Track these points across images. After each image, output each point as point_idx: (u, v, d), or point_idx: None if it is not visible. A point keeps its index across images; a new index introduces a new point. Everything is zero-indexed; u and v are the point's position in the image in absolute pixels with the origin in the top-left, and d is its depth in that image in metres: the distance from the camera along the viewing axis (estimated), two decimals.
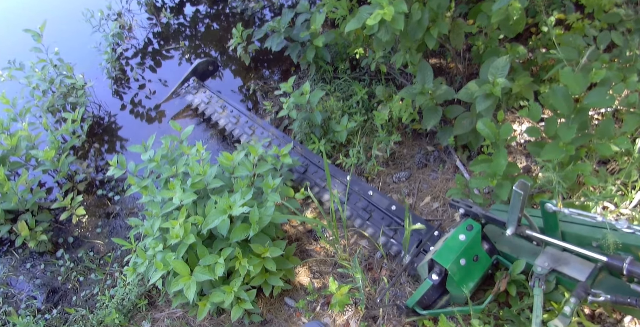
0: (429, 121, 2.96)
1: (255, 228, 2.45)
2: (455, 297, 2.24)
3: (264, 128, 3.58)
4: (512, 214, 1.98)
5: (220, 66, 4.49)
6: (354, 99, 3.48)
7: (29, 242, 3.10)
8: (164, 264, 2.49)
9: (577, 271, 1.93)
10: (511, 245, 2.28)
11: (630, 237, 1.78)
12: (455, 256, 2.11)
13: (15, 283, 3.28)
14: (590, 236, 1.92)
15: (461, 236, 2.16)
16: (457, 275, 2.12)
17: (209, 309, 2.53)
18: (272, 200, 2.60)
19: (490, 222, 2.24)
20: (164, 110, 4.31)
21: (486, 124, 2.48)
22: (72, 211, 3.23)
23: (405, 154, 3.33)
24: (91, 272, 3.14)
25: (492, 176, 2.38)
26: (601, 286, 1.90)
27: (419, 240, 2.66)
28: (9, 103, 3.44)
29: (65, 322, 2.94)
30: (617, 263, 1.70)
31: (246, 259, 2.48)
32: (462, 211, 2.33)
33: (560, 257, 2.01)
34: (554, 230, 1.99)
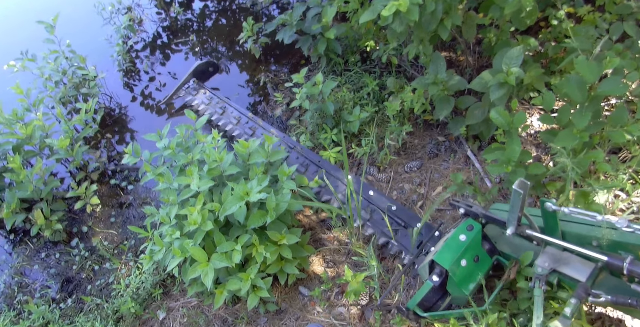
0: (441, 111, 2.99)
1: (272, 215, 2.48)
2: (456, 298, 2.24)
3: (264, 129, 3.58)
4: (512, 214, 1.97)
5: (221, 67, 4.49)
6: (365, 91, 3.51)
7: (44, 231, 3.13)
8: (181, 251, 2.52)
9: (578, 271, 1.91)
10: (511, 245, 2.27)
11: (630, 236, 1.76)
12: (455, 256, 2.09)
13: (29, 273, 3.31)
14: (590, 235, 1.91)
15: (461, 237, 2.14)
16: (457, 276, 2.10)
17: (226, 297, 2.56)
18: (288, 187, 2.63)
19: (491, 222, 2.23)
20: (173, 103, 4.33)
21: (500, 113, 2.50)
22: (87, 200, 3.25)
23: (416, 145, 3.36)
24: (105, 262, 3.17)
25: (507, 163, 2.41)
26: (602, 287, 1.88)
27: (419, 241, 2.67)
28: (23, 93, 3.46)
29: (80, 312, 2.96)
30: (618, 263, 1.68)
31: (263, 246, 2.51)
32: (462, 211, 2.32)
33: (561, 257, 1.99)
34: (554, 229, 1.98)
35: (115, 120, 4.19)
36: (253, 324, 2.69)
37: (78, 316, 2.86)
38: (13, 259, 3.34)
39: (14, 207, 3.07)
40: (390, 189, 3.15)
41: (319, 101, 3.31)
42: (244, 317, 2.70)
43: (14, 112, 3.34)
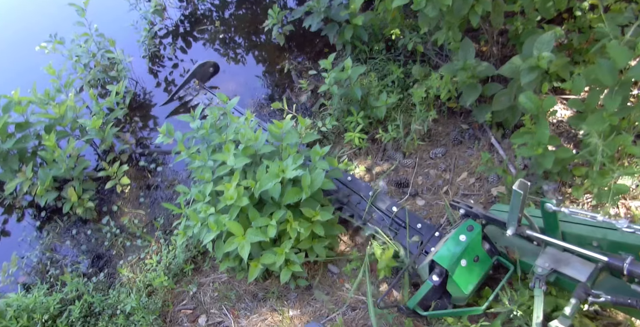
0: (469, 97, 3.06)
1: (307, 192, 2.55)
2: (456, 298, 2.24)
3: (265, 129, 3.61)
4: (512, 214, 1.98)
5: (220, 67, 4.47)
6: (390, 78, 3.57)
7: (77, 208, 3.20)
8: (217, 226, 2.59)
9: (578, 272, 1.92)
10: (512, 245, 2.28)
11: (631, 237, 1.77)
12: (455, 256, 2.11)
13: (59, 249, 3.38)
14: (590, 235, 1.92)
15: (462, 237, 2.16)
16: (457, 276, 2.12)
17: (260, 270, 2.63)
18: (321, 167, 2.70)
19: (491, 223, 2.26)
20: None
21: (529, 97, 2.56)
22: (117, 180, 3.32)
23: (440, 132, 3.42)
24: (136, 239, 3.24)
25: (537, 145, 2.48)
26: (602, 287, 1.88)
27: (420, 241, 2.69)
28: (55, 74, 3.53)
29: (111, 286, 3.03)
30: (618, 263, 1.69)
31: (297, 222, 2.57)
32: (462, 212, 2.34)
33: (561, 258, 2.00)
34: (554, 230, 1.99)
35: (140, 104, 4.26)
36: (283, 299, 2.76)
37: (110, 289, 2.93)
38: (44, 236, 3.41)
39: (47, 184, 3.14)
40: (416, 174, 3.21)
41: (346, 87, 3.37)
42: (275, 292, 2.77)
43: (46, 92, 3.41)
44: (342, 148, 3.43)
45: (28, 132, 3.34)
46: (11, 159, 3.24)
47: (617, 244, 1.82)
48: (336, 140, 3.53)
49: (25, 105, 3.27)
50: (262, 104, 4.03)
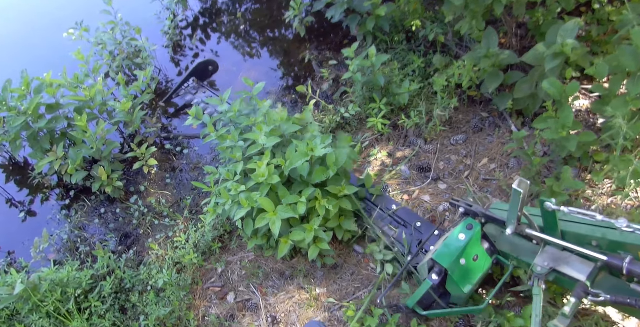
0: (491, 85, 3.14)
1: (334, 168, 2.62)
2: (455, 297, 2.25)
3: None
4: (512, 213, 1.99)
5: (219, 66, 4.47)
6: (410, 68, 3.66)
7: (106, 187, 3.28)
8: (248, 202, 2.66)
9: (577, 271, 1.91)
10: (511, 244, 2.28)
11: (630, 236, 1.77)
12: (455, 255, 2.10)
13: (87, 228, 3.46)
14: (589, 234, 1.91)
15: (461, 236, 2.16)
16: (456, 275, 2.12)
17: (289, 246, 2.70)
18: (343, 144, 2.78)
19: (490, 221, 2.26)
20: (214, 80, 4.49)
21: (552, 83, 2.64)
22: (144, 161, 3.40)
23: (460, 119, 3.50)
24: (163, 218, 3.32)
25: (561, 128, 2.55)
26: (601, 286, 1.89)
27: (419, 240, 2.70)
28: (83, 59, 3.62)
29: (140, 263, 3.11)
30: (617, 262, 1.70)
31: (325, 199, 2.65)
32: (461, 210, 2.34)
33: (560, 257, 1.99)
34: (553, 229, 1.99)
35: (163, 92, 4.34)
36: (310, 277, 2.83)
37: (140, 266, 3.00)
38: (72, 215, 3.49)
39: (78, 163, 3.22)
40: (437, 160, 3.29)
41: (369, 74, 3.45)
42: (302, 270, 2.84)
43: (75, 76, 3.49)
44: (364, 134, 3.51)
45: (58, 113, 3.41)
46: (42, 138, 3.33)
47: (616, 243, 1.82)
48: (358, 126, 3.61)
49: (56, 87, 3.35)
50: (284, 92, 4.11)
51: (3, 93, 3.25)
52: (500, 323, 2.26)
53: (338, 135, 3.14)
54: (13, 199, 3.84)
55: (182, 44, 4.84)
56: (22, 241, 3.47)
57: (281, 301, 2.78)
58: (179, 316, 2.76)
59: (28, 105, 3.16)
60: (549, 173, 3.01)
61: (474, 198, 2.98)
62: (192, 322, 2.72)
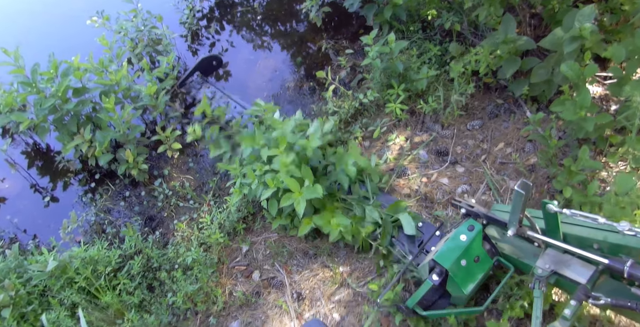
0: (508, 70, 3.22)
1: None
2: (456, 298, 2.26)
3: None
4: (513, 215, 1.99)
5: (224, 61, 4.52)
6: (427, 56, 3.73)
7: (132, 169, 3.36)
8: (274, 182, 2.75)
9: (578, 274, 1.91)
10: (512, 246, 2.29)
11: (632, 240, 1.77)
12: (456, 256, 2.11)
13: (112, 211, 3.54)
14: (591, 237, 1.91)
15: (462, 237, 2.16)
16: (457, 276, 2.12)
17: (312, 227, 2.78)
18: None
19: (492, 223, 2.26)
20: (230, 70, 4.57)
21: (570, 66, 2.72)
22: (168, 145, 3.48)
23: (476, 106, 3.58)
24: (187, 201, 3.40)
25: (579, 109, 2.63)
26: (602, 289, 1.89)
27: (420, 240, 2.70)
28: (108, 45, 3.70)
29: (165, 245, 3.19)
30: (618, 266, 1.69)
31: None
32: (463, 211, 2.34)
33: (561, 259, 1.99)
34: (555, 231, 1.99)
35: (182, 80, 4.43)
36: (334, 256, 2.91)
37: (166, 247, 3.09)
38: (97, 199, 3.57)
39: (105, 145, 3.30)
40: (455, 144, 3.37)
41: (387, 61, 3.53)
42: (325, 249, 2.92)
43: (100, 61, 3.57)
44: (383, 119, 3.59)
45: (85, 97, 3.49)
46: (69, 121, 3.41)
47: (618, 247, 1.81)
48: (376, 112, 3.69)
49: (83, 71, 3.43)
50: (302, 81, 4.19)
51: (33, 76, 3.33)
52: (522, 296, 2.34)
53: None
54: (37, 184, 3.92)
55: (200, 34, 4.92)
56: (48, 225, 3.56)
57: (306, 279, 2.86)
58: (206, 293, 2.84)
59: (57, 87, 3.23)
60: (564, 157, 3.09)
61: (491, 181, 3.07)
62: (219, 298, 2.81)
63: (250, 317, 2.76)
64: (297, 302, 2.77)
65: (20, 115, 3.39)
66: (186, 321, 2.82)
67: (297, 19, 4.86)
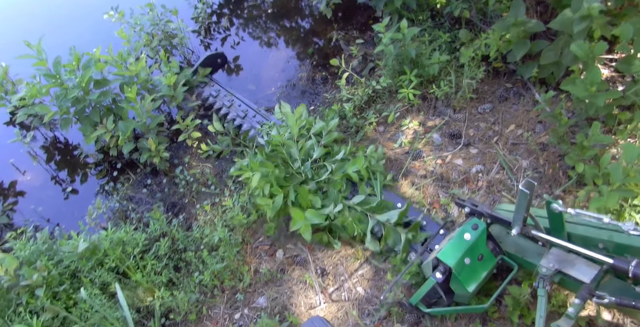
0: (519, 52, 3.32)
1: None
2: (459, 296, 2.26)
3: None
4: (518, 214, 1.99)
5: (228, 59, 4.55)
6: (437, 43, 3.84)
7: (154, 158, 3.45)
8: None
9: (582, 273, 1.91)
10: (516, 245, 2.30)
11: (637, 240, 1.77)
12: (459, 254, 2.12)
13: (134, 199, 3.63)
14: (596, 237, 1.91)
15: (466, 235, 2.17)
16: (461, 274, 2.13)
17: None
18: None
19: (496, 222, 2.27)
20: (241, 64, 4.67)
21: (580, 45, 2.82)
22: (188, 134, 3.58)
23: (486, 91, 3.68)
24: (209, 186, 3.49)
25: (590, 85, 2.73)
26: (606, 288, 1.89)
27: (424, 238, 2.72)
28: (126, 38, 3.80)
29: (188, 228, 3.28)
30: (623, 266, 1.69)
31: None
32: (467, 210, 2.35)
33: (566, 259, 2.00)
34: (559, 231, 2.00)
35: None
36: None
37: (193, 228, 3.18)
38: (119, 187, 3.66)
39: (128, 134, 3.40)
40: (467, 127, 3.47)
41: (400, 47, 3.63)
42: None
43: (119, 54, 3.67)
44: (396, 105, 3.69)
45: (105, 89, 3.59)
46: (92, 112, 3.50)
47: (622, 247, 1.82)
48: (389, 99, 3.79)
49: (103, 63, 3.53)
50: (314, 71, 4.29)
51: (55, 68, 3.43)
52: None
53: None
54: (58, 176, 4.02)
55: (212, 29, 5.03)
56: (71, 213, 3.65)
57: (328, 256, 2.95)
58: (232, 271, 2.93)
59: (80, 79, 3.33)
60: (573, 137, 3.18)
61: (504, 160, 3.16)
62: (245, 275, 2.90)
63: (276, 292, 2.85)
64: (321, 277, 2.86)
65: (44, 107, 3.49)
66: (213, 299, 2.90)
67: (307, 11, 4.97)
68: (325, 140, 3.27)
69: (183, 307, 2.81)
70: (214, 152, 3.64)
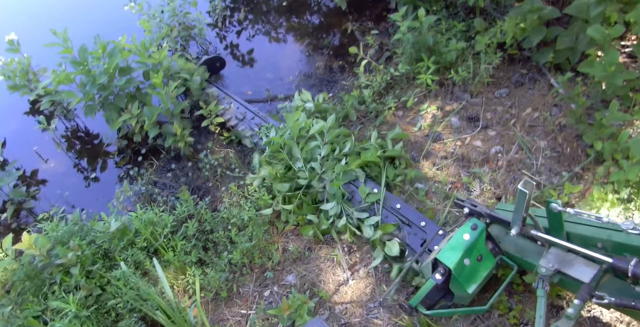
0: (535, 38, 3.41)
1: None
2: (459, 297, 2.24)
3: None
4: (517, 214, 1.97)
5: (226, 62, 4.52)
6: (452, 32, 3.93)
7: (178, 142, 3.52)
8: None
9: (582, 273, 1.89)
10: (516, 245, 2.28)
11: (636, 239, 1.74)
12: (459, 255, 2.09)
13: (158, 184, 3.70)
14: (595, 236, 1.89)
15: (465, 236, 2.14)
16: (460, 275, 2.11)
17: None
18: None
19: (495, 222, 2.25)
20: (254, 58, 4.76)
21: (596, 29, 2.92)
22: (210, 120, 3.65)
23: (502, 77, 3.77)
24: (233, 170, 3.56)
25: (609, 65, 2.82)
26: (606, 288, 1.87)
27: (423, 239, 2.70)
28: (148, 28, 3.88)
29: (214, 211, 3.34)
30: (622, 265, 1.68)
31: None
32: (466, 211, 2.32)
33: (565, 258, 1.97)
34: (558, 230, 1.98)
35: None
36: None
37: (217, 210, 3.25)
38: (144, 172, 3.73)
39: (154, 119, 3.47)
40: (484, 111, 3.55)
41: (417, 35, 3.72)
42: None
43: (142, 43, 3.75)
44: (414, 91, 3.77)
45: (130, 76, 3.67)
46: (117, 99, 3.58)
47: (622, 246, 1.80)
48: (406, 85, 3.87)
49: (128, 51, 3.61)
50: (331, 60, 4.38)
51: (81, 55, 3.50)
52: None
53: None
54: (81, 163, 4.09)
55: (228, 22, 5.12)
56: (96, 198, 3.71)
57: None
58: (261, 249, 2.99)
59: (107, 66, 3.41)
60: (589, 118, 3.27)
61: (522, 141, 3.24)
62: (275, 254, 2.96)
63: (305, 270, 2.92)
64: (348, 255, 2.93)
65: (71, 93, 3.57)
66: (243, 277, 2.96)
67: (321, 3, 5.06)
68: (328, 138, 3.21)
69: (214, 285, 2.87)
70: (236, 137, 3.71)
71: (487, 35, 3.66)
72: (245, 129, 3.66)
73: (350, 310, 2.71)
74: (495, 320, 2.41)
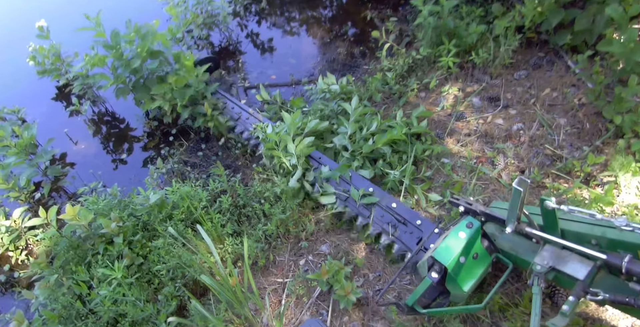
0: (553, 20, 3.55)
1: None
2: (455, 296, 2.24)
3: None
4: (512, 212, 1.99)
5: (220, 62, 4.51)
6: (470, 17, 4.06)
7: (209, 122, 3.63)
8: None
9: (576, 270, 1.90)
10: (511, 243, 2.29)
11: (629, 235, 1.76)
12: (454, 254, 2.10)
13: (188, 163, 3.81)
14: (589, 233, 1.90)
15: (461, 234, 2.15)
16: (457, 273, 2.12)
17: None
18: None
19: (490, 220, 2.25)
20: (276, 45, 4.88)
21: (614, 9, 3.05)
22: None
23: (520, 60, 3.90)
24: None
25: (629, 41, 2.95)
26: (600, 285, 1.88)
27: (419, 238, 2.72)
28: (175, 14, 4.00)
29: (246, 185, 3.45)
30: (616, 261, 1.69)
31: None
32: (462, 209, 2.34)
33: (560, 256, 1.99)
34: (553, 228, 1.99)
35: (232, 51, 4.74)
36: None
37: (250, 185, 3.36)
38: (174, 152, 3.84)
39: (186, 100, 3.58)
40: (505, 92, 3.68)
41: (438, 19, 3.85)
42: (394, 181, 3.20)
43: (169, 29, 3.87)
44: (435, 73, 3.90)
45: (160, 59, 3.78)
46: (149, 81, 3.69)
47: (615, 242, 1.82)
48: (427, 68, 4.00)
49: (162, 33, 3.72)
50: (352, 46, 4.51)
51: (114, 39, 3.61)
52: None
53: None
54: (110, 145, 4.19)
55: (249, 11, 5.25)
56: (129, 177, 3.82)
57: None
58: (295, 221, 3.10)
59: (140, 49, 3.52)
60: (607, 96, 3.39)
61: (543, 119, 3.37)
62: (308, 224, 3.08)
63: (338, 240, 3.03)
64: None
65: (104, 76, 3.68)
66: (277, 249, 3.07)
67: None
68: (354, 116, 3.33)
69: (252, 253, 2.97)
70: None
71: (506, 19, 3.79)
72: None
73: (384, 277, 2.82)
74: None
